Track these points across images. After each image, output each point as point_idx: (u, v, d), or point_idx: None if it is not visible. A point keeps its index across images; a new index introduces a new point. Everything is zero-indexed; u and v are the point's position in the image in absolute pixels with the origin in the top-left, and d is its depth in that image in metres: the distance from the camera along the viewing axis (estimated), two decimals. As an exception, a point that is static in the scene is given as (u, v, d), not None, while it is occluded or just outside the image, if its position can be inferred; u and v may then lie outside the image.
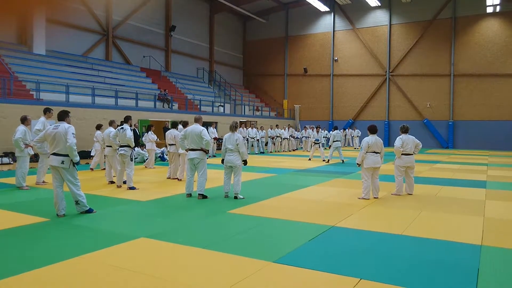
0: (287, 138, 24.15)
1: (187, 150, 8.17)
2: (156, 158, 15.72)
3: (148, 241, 4.96)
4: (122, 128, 9.04)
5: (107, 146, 9.95)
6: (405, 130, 8.70)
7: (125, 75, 24.20)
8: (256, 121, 28.83)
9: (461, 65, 29.33)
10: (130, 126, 9.20)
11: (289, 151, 24.21)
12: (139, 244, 4.84)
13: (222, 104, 28.54)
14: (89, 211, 6.42)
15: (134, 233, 5.30)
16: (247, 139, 21.42)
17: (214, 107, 27.28)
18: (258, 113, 31.87)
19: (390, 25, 31.54)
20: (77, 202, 6.32)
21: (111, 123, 10.06)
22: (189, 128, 8.15)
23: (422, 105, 30.59)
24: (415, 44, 30.65)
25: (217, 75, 33.70)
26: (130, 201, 7.68)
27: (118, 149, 9.10)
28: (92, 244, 4.77)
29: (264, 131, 23.38)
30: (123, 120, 9.55)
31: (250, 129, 21.91)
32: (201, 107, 25.89)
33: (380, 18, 31.97)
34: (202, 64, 32.88)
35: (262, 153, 22.18)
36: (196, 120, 8.21)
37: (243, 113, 29.70)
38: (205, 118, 24.59)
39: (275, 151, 23.32)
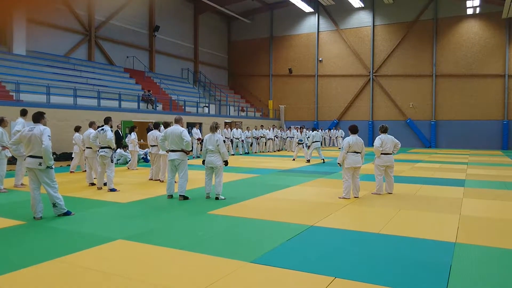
0: (271, 139, 24.21)
1: (167, 151, 8.14)
2: (139, 159, 15.61)
3: (125, 243, 4.93)
4: (102, 129, 8.94)
5: (87, 147, 9.83)
6: (384, 130, 8.81)
7: (108, 76, 23.94)
8: (241, 122, 28.84)
9: (443, 66, 29.82)
10: (111, 127, 9.11)
11: (274, 151, 24.28)
12: (116, 246, 4.81)
13: (207, 104, 28.46)
14: (67, 213, 6.34)
15: (112, 235, 5.26)
16: (232, 140, 21.40)
17: (199, 108, 27.19)
18: (243, 113, 31.88)
19: (374, 26, 31.88)
20: (54, 205, 6.24)
21: (91, 125, 9.95)
22: (169, 129, 8.12)
23: (405, 105, 31.00)
24: (398, 45, 31.05)
25: (201, 76, 33.60)
26: (110, 203, 7.62)
27: (98, 150, 9.01)
28: (68, 247, 4.72)
29: (250, 131, 23.40)
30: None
31: (234, 129, 21.89)
32: (186, 107, 25.77)
33: (363, 19, 32.30)
34: (186, 64, 32.74)
35: (247, 153, 22.19)
36: (177, 121, 8.18)
37: (228, 114, 29.67)
38: (190, 119, 24.54)
39: (260, 152, 23.36)
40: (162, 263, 4.21)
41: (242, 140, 22.03)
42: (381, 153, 8.65)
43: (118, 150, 15.71)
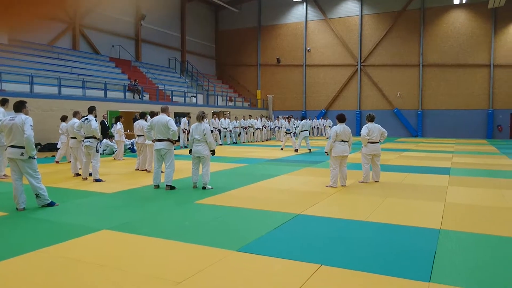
0: (259, 128, 24.17)
1: (153, 140, 8.05)
2: (125, 149, 15.44)
3: (110, 233, 4.87)
4: (86, 119, 8.80)
5: (71, 137, 9.67)
6: (371, 119, 8.83)
7: (93, 65, 23.53)
8: (230, 112, 28.72)
9: (430, 56, 30.01)
10: (95, 116, 8.96)
11: (262, 141, 24.26)
12: (101, 237, 4.75)
13: (194, 94, 28.24)
14: (51, 204, 6.24)
15: (96, 225, 5.19)
16: (220, 130, 21.30)
17: (186, 98, 26.97)
18: (231, 103, 31.72)
19: (361, 15, 31.86)
20: (37, 196, 6.13)
21: (75, 114, 9.77)
22: (155, 118, 8.02)
23: (393, 95, 31.19)
24: (386, 35, 31.12)
25: (189, 65, 33.27)
26: (95, 193, 7.52)
27: (83, 140, 8.87)
28: (51, 238, 4.65)
29: (238, 121, 23.31)
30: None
31: (222, 119, 21.77)
32: (173, 97, 25.54)
33: (351, 8, 32.25)
34: (173, 54, 32.37)
35: (235, 143, 22.13)
36: (163, 110, 8.08)
37: (216, 104, 29.50)
38: (178, 109, 24.33)
39: (248, 142, 23.31)
40: (148, 252, 4.17)
41: (230, 130, 21.94)
42: (368, 142, 8.68)
43: (104, 140, 15.54)
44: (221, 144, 20.70)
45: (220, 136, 21.18)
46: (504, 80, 28.27)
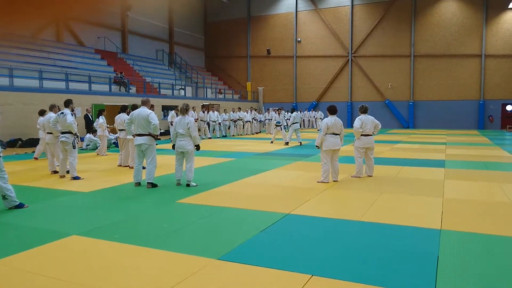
0: (249, 121, 23.69)
1: (134, 135, 7.56)
2: (110, 144, 14.89)
3: (80, 240, 4.40)
4: (62, 113, 8.25)
5: (48, 133, 9.11)
6: (364, 110, 8.42)
7: (78, 57, 22.78)
8: (219, 104, 28.17)
9: (421, 46, 29.67)
10: (72, 110, 8.42)
11: (252, 134, 23.80)
12: (68, 244, 4.28)
13: (183, 87, 27.61)
14: (19, 206, 5.74)
15: (66, 230, 4.72)
16: (208, 123, 20.79)
17: (175, 90, 26.35)
18: (221, 96, 31.14)
19: (352, 5, 31.36)
20: (4, 197, 5.62)
21: (51, 108, 9.20)
22: (135, 111, 7.52)
23: (384, 86, 30.86)
24: (377, 25, 30.68)
25: (177, 57, 32.56)
26: (71, 192, 7.02)
27: (59, 136, 8.34)
28: (12, 246, 4.17)
29: (227, 114, 22.79)
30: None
31: (211, 112, 21.25)
32: (161, 90, 24.92)
33: (342, -2, 31.73)
34: (161, 45, 31.62)
35: (225, 136, 21.65)
36: (144, 103, 7.57)
37: (205, 96, 28.93)
38: (166, 102, 23.75)
39: (238, 135, 22.83)
40: (117, 263, 3.71)
41: (219, 123, 21.43)
42: (361, 135, 8.28)
43: (88, 135, 14.99)
44: (210, 138, 20.21)
45: (209, 129, 20.67)
46: (495, 70, 28.08)
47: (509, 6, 27.15)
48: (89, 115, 15.60)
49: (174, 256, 3.83)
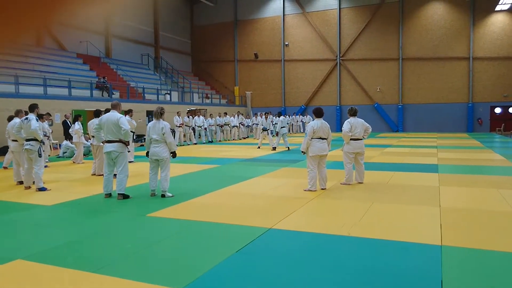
0: (236, 126, 23.11)
1: (103, 142, 6.93)
2: (88, 152, 14.16)
3: (25, 265, 3.75)
4: (26, 118, 7.58)
5: (12, 140, 8.43)
6: (353, 113, 7.89)
7: (58, 62, 22.01)
8: (206, 109, 27.55)
9: (409, 49, 29.45)
10: (37, 115, 7.75)
11: (239, 139, 23.21)
12: (11, 270, 3.63)
13: (168, 91, 26.93)
14: (-34, 223, 5.08)
15: (12, 253, 4.06)
16: (194, 128, 20.15)
17: (160, 95, 25.66)
18: (208, 100, 30.53)
19: (340, 8, 31.06)
20: None
21: (17, 114, 8.52)
22: (104, 116, 6.88)
23: (373, 89, 30.55)
24: (364, 28, 30.41)
25: (163, 62, 31.87)
26: (32, 206, 6.35)
27: (24, 143, 7.66)
28: None
29: (213, 119, 22.17)
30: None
31: (196, 117, 20.61)
32: (145, 95, 24.22)
33: (329, 1, 31.40)
34: (146, 50, 30.93)
35: (211, 142, 21.03)
36: (113, 107, 6.93)
37: (192, 101, 28.27)
38: (151, 107, 23.03)
39: (225, 140, 22.22)
40: (61, 295, 3.09)
41: (205, 128, 20.81)
42: (351, 139, 7.74)
43: (65, 142, 14.28)
44: (195, 144, 19.57)
45: (194, 134, 20.03)
46: (483, 73, 27.94)
47: (496, 9, 27.07)
48: (68, 121, 14.87)
49: (129, 286, 3.21)
